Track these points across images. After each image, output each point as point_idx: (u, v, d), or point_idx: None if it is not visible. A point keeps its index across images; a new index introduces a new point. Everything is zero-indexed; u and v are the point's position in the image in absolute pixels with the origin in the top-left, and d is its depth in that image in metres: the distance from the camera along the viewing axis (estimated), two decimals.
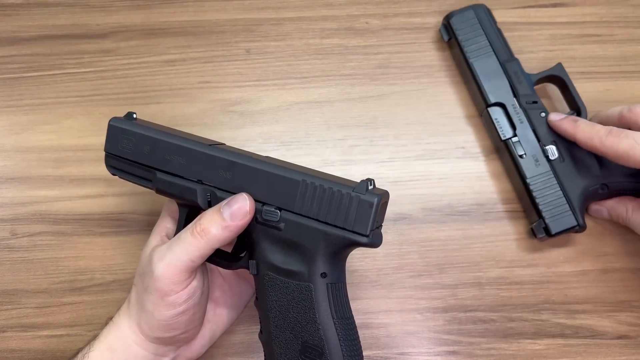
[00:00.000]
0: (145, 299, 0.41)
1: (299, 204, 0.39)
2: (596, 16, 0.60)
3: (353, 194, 0.38)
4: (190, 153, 0.42)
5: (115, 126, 0.45)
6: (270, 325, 0.41)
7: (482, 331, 0.52)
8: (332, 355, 0.39)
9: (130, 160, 0.44)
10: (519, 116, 0.54)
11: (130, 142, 0.44)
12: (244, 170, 0.41)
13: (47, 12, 0.60)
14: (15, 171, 0.56)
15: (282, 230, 0.40)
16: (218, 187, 0.42)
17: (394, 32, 0.60)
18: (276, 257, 0.40)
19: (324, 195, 0.39)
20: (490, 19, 0.56)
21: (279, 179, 0.40)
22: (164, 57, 0.59)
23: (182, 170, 0.43)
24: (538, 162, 0.52)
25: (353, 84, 0.58)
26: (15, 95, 0.58)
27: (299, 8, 0.60)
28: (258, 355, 0.51)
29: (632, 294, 0.54)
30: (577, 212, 0.51)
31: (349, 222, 0.38)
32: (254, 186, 0.41)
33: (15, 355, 0.52)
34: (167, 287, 0.40)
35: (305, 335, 0.40)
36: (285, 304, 0.40)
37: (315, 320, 0.39)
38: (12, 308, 0.53)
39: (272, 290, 0.41)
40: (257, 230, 0.41)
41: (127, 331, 0.43)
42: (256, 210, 0.40)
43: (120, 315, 0.44)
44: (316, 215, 0.39)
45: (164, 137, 0.43)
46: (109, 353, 0.43)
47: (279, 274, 0.40)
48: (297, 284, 0.40)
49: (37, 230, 0.54)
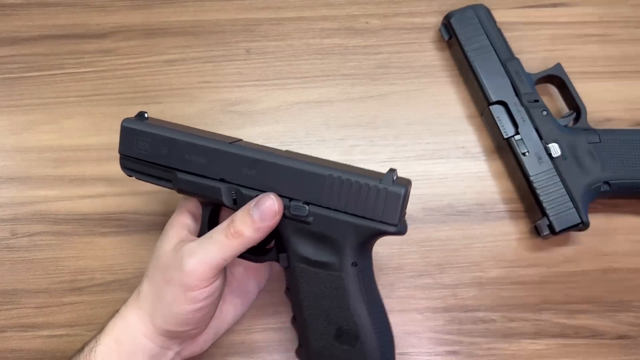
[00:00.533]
0: (166, 292, 0.42)
1: (326, 197, 0.40)
2: (596, 16, 0.60)
3: (381, 186, 0.39)
4: (212, 152, 0.42)
5: (128, 127, 0.44)
6: (305, 313, 0.42)
7: (483, 331, 0.52)
8: (367, 338, 0.41)
9: (147, 161, 0.43)
10: (520, 114, 0.54)
11: (146, 143, 0.43)
12: (268, 167, 0.41)
13: (47, 12, 0.60)
14: (15, 171, 0.56)
15: (311, 224, 0.41)
16: (243, 184, 0.42)
17: (394, 32, 0.60)
18: (307, 249, 0.41)
19: (351, 188, 0.40)
20: (490, 18, 0.57)
21: (305, 174, 0.41)
22: (164, 57, 0.59)
23: (204, 169, 0.42)
24: (541, 159, 0.52)
25: (353, 84, 0.58)
26: (15, 95, 0.58)
27: (299, 8, 0.60)
28: (258, 355, 0.51)
29: (632, 294, 0.54)
30: (581, 210, 0.51)
31: (378, 213, 0.39)
32: (280, 182, 0.41)
33: (15, 355, 0.52)
34: (193, 283, 0.41)
35: (339, 321, 0.41)
36: (319, 293, 0.41)
37: (349, 307, 0.41)
38: (12, 308, 0.53)
39: (304, 281, 0.42)
40: (286, 225, 0.41)
41: (136, 323, 0.43)
42: (285, 206, 0.41)
43: (128, 307, 0.44)
44: (344, 208, 0.40)
45: (182, 137, 0.42)
46: (115, 345, 0.43)
47: (311, 265, 0.41)
48: (329, 274, 0.41)
49: (37, 230, 0.54)
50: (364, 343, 0.41)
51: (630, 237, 0.55)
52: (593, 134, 0.53)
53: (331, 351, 0.42)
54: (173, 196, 0.55)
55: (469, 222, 0.55)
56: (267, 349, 0.51)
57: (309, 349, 0.43)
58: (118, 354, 0.42)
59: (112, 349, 0.42)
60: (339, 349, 0.42)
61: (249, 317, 0.52)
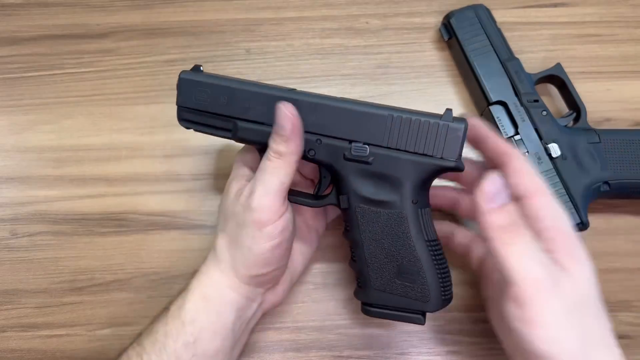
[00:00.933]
0: (242, 235, 0.43)
1: (386, 137, 0.42)
2: (596, 16, 0.60)
3: (441, 123, 0.41)
4: (272, 99, 0.43)
5: (187, 79, 0.45)
6: (365, 253, 0.44)
7: (483, 331, 0.52)
8: (427, 274, 0.43)
9: (207, 112, 0.44)
10: (520, 114, 0.54)
11: (206, 93, 0.44)
12: (328, 110, 0.42)
13: (47, 12, 0.60)
14: (16, 171, 0.56)
15: (372, 164, 0.42)
16: (304, 129, 0.42)
17: (394, 32, 0.60)
18: (367, 189, 0.43)
19: (411, 127, 0.41)
20: (490, 18, 0.57)
21: (365, 116, 0.42)
22: (164, 57, 0.59)
23: (264, 116, 0.43)
24: (540, 160, 0.53)
25: (353, 84, 0.58)
26: (15, 95, 0.58)
27: (299, 8, 0.60)
28: (258, 355, 0.51)
29: (632, 294, 0.54)
30: (580, 210, 0.51)
31: (438, 149, 0.41)
32: (339, 125, 0.42)
33: (15, 355, 0.52)
34: (265, 217, 0.42)
35: (400, 258, 0.43)
36: (379, 232, 0.43)
37: (410, 244, 0.43)
38: (12, 308, 0.53)
39: (365, 221, 0.43)
40: (346, 166, 0.43)
41: (220, 277, 0.44)
42: (344, 148, 0.42)
43: (208, 266, 0.45)
44: (404, 146, 0.42)
45: (241, 86, 0.44)
46: (203, 302, 0.44)
47: (371, 204, 0.43)
48: (389, 212, 0.43)
49: (37, 230, 0.54)
50: (425, 279, 0.43)
51: (630, 237, 0.55)
52: (593, 134, 0.53)
53: (392, 288, 0.43)
54: (173, 196, 0.55)
55: (469, 221, 0.55)
56: (267, 349, 0.52)
57: (369, 287, 0.44)
58: (206, 309, 0.43)
59: (200, 305, 0.43)
60: (400, 285, 0.43)
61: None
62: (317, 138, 0.43)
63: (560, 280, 0.37)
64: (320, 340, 0.52)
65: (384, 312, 0.44)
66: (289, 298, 0.52)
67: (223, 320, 0.44)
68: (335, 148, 0.43)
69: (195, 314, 0.43)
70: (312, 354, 0.51)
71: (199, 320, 0.43)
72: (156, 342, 0.42)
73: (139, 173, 0.56)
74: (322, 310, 0.52)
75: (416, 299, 0.43)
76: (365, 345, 0.52)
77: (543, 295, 0.36)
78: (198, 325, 0.43)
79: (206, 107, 0.44)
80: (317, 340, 0.52)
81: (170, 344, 0.42)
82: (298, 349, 0.52)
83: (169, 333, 0.42)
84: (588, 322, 0.37)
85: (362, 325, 0.52)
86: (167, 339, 0.42)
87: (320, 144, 0.43)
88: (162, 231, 0.54)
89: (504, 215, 0.37)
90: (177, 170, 0.56)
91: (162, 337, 0.42)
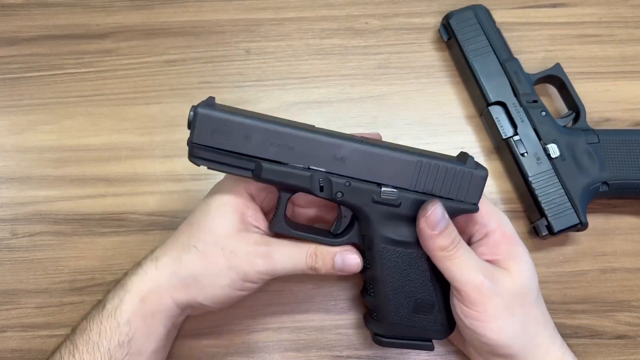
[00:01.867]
0: (224, 275, 0.43)
1: (415, 182, 0.43)
2: (595, 16, 0.60)
3: (466, 170, 0.43)
4: (301, 140, 0.41)
5: (206, 115, 0.40)
6: (387, 289, 0.45)
7: None
8: (442, 304, 0.45)
9: (228, 151, 0.41)
10: (519, 115, 0.54)
11: (227, 131, 0.41)
12: (358, 154, 0.42)
13: (48, 12, 0.60)
14: (16, 171, 0.56)
15: (400, 207, 0.43)
16: (332, 172, 0.42)
17: (393, 33, 0.60)
18: (392, 231, 0.44)
19: (438, 172, 0.43)
20: (490, 19, 0.57)
21: (396, 161, 0.43)
22: (164, 57, 0.59)
23: (291, 157, 0.42)
24: (539, 160, 0.53)
25: (353, 84, 0.59)
26: (15, 95, 0.58)
27: (299, 8, 0.61)
28: (258, 355, 0.51)
29: (632, 294, 0.54)
30: (579, 210, 0.51)
31: (462, 194, 0.43)
32: (369, 169, 0.43)
33: (15, 355, 0.52)
34: (257, 277, 0.44)
35: (418, 294, 0.45)
36: (401, 270, 0.44)
37: (429, 279, 0.45)
38: (12, 308, 0.53)
39: (388, 260, 0.44)
40: (373, 209, 0.43)
41: (167, 288, 0.44)
42: (373, 191, 0.43)
43: (159, 270, 0.44)
44: (431, 190, 0.43)
45: (267, 125, 0.41)
46: (141, 304, 0.44)
47: (395, 245, 0.44)
48: (412, 252, 0.44)
49: (37, 230, 0.54)
50: (440, 309, 0.45)
51: (628, 237, 0.55)
52: (592, 134, 0.53)
53: (408, 321, 0.45)
54: (173, 196, 0.55)
55: None
56: (267, 349, 0.52)
57: (385, 321, 0.46)
58: (142, 312, 0.43)
59: (137, 307, 0.43)
60: (416, 318, 0.45)
61: (249, 317, 0.52)
62: (347, 181, 0.43)
63: (500, 279, 0.43)
64: (320, 340, 0.52)
65: (396, 342, 0.46)
66: (289, 298, 0.52)
67: (157, 324, 0.44)
68: (365, 191, 0.43)
69: (132, 315, 0.43)
70: (312, 354, 0.52)
71: (135, 321, 0.43)
72: (89, 340, 0.43)
73: (139, 173, 0.56)
74: (322, 310, 0.52)
75: (429, 329, 0.45)
76: (365, 345, 0.52)
77: (485, 295, 0.42)
78: (134, 326, 0.43)
79: (227, 146, 0.41)
80: (317, 340, 0.52)
81: (104, 344, 0.42)
82: (298, 349, 0.52)
83: (102, 332, 0.43)
84: (527, 309, 0.43)
85: (362, 326, 0.52)
86: (101, 338, 0.42)
87: (349, 186, 0.43)
88: (162, 231, 0.54)
89: (445, 238, 0.42)
90: (177, 170, 0.56)
91: (96, 335, 0.43)
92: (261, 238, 0.44)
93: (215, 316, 0.51)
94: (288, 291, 0.53)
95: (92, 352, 0.42)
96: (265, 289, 0.52)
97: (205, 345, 0.51)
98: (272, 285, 0.52)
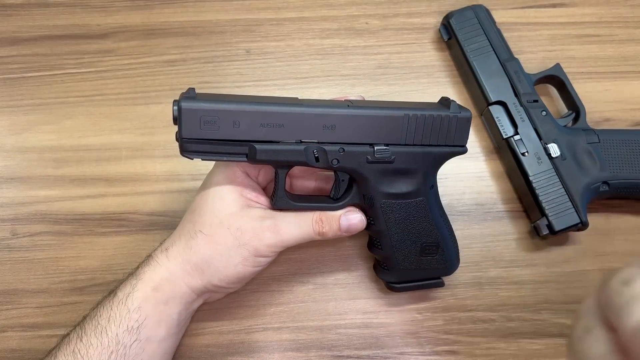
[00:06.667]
0: (235, 254, 0.44)
1: (404, 136, 0.44)
2: (595, 16, 0.60)
3: (451, 115, 0.44)
4: (289, 116, 0.42)
5: (192, 108, 0.40)
6: (392, 240, 0.47)
7: (482, 331, 0.52)
8: (447, 244, 0.48)
9: (219, 139, 0.41)
10: (520, 114, 0.54)
11: (214, 121, 0.41)
12: (347, 120, 0.43)
13: (48, 12, 0.60)
14: (16, 171, 0.56)
15: (394, 162, 0.44)
16: (324, 141, 0.43)
17: (393, 33, 0.60)
18: (389, 186, 0.45)
19: (425, 122, 0.44)
20: (490, 18, 0.57)
21: (382, 119, 0.43)
22: (164, 57, 0.59)
23: (282, 135, 0.42)
24: (540, 160, 0.53)
25: (353, 84, 0.59)
26: (15, 95, 0.58)
27: (299, 8, 0.61)
28: (258, 355, 0.51)
29: None
30: (580, 210, 0.51)
31: (450, 138, 0.45)
32: (360, 132, 0.43)
33: (16, 355, 0.52)
34: (268, 250, 0.44)
35: (423, 238, 0.47)
36: (404, 220, 0.46)
37: (432, 223, 0.47)
38: (13, 308, 0.53)
39: (389, 214, 0.46)
40: (369, 168, 0.44)
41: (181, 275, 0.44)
42: (367, 152, 0.44)
43: (170, 259, 0.45)
44: (421, 141, 0.44)
45: (253, 108, 0.41)
46: (153, 292, 0.44)
47: (394, 198, 0.46)
48: (411, 201, 0.46)
49: (37, 230, 0.54)
50: (444, 249, 0.48)
51: (629, 237, 0.55)
52: (592, 134, 0.53)
53: (416, 265, 0.48)
54: (173, 196, 0.55)
55: (468, 222, 0.55)
56: (267, 349, 0.52)
57: (395, 269, 0.48)
58: (155, 299, 0.44)
59: (149, 294, 0.44)
60: (423, 260, 0.48)
61: (249, 317, 0.52)
62: (340, 147, 0.43)
63: None
64: (320, 340, 0.52)
65: (409, 286, 0.49)
66: (289, 298, 0.52)
67: (170, 310, 0.44)
68: (359, 154, 0.44)
69: (143, 301, 0.43)
70: (312, 354, 0.52)
71: (146, 308, 0.43)
72: (98, 325, 0.43)
73: (139, 173, 0.56)
74: (322, 310, 0.52)
75: (437, 268, 0.48)
76: (365, 345, 0.52)
77: None
78: (144, 312, 0.43)
79: (217, 135, 0.41)
80: (317, 340, 0.52)
81: (112, 329, 0.42)
82: (298, 349, 0.52)
83: (112, 318, 0.43)
84: None
85: (362, 326, 0.52)
86: (110, 323, 0.43)
87: (343, 152, 0.44)
88: (162, 231, 0.54)
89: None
90: (177, 170, 0.56)
91: (105, 321, 0.43)
92: (265, 212, 0.45)
93: (216, 316, 0.51)
94: (288, 291, 0.53)
95: (99, 337, 0.42)
96: (265, 289, 0.52)
97: (205, 345, 0.51)
98: (272, 285, 0.52)
